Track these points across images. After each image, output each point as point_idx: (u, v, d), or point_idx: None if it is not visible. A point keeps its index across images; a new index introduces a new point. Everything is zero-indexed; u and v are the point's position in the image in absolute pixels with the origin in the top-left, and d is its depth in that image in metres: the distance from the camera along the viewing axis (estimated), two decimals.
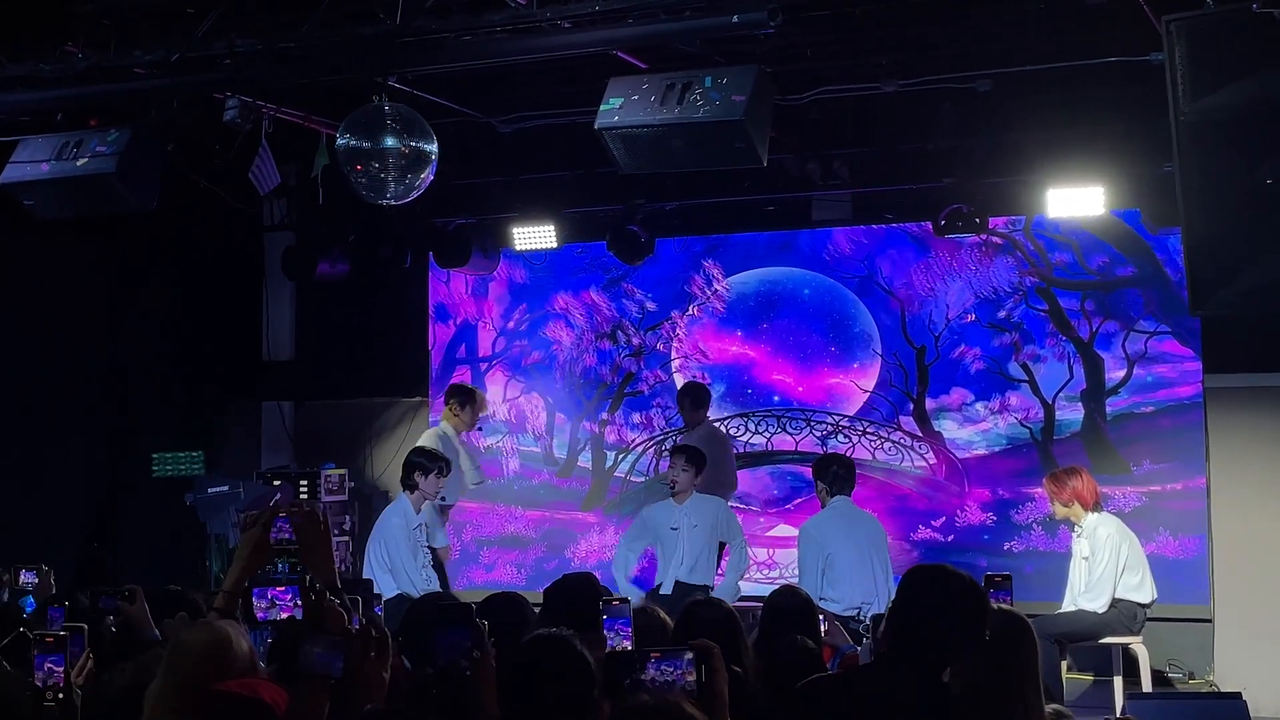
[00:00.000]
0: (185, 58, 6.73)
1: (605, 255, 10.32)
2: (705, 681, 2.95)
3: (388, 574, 8.30)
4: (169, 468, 10.46)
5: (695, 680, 2.94)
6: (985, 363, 9.88)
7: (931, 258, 10.03)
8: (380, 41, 6.53)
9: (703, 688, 2.94)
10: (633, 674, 2.93)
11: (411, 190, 6.79)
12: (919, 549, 9.67)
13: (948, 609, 3.79)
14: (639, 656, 2.96)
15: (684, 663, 2.95)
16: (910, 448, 10.02)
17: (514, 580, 10.71)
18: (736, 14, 5.87)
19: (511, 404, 11.09)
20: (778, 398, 10.39)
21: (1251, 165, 5.07)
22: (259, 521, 4.18)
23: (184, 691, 3.43)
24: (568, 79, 8.09)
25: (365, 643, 3.31)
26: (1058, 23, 7.33)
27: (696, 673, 2.94)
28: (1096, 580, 7.83)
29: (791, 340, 10.40)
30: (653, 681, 2.94)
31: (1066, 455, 9.44)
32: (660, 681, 2.94)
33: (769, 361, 10.45)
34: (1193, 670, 9.08)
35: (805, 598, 5.54)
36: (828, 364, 10.27)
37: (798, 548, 8.31)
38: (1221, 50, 5.09)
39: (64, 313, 10.34)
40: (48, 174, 7.39)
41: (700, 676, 2.95)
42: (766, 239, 10.51)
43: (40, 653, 3.64)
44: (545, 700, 3.46)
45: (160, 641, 4.46)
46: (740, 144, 6.24)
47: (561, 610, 4.77)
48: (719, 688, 2.97)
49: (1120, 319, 9.58)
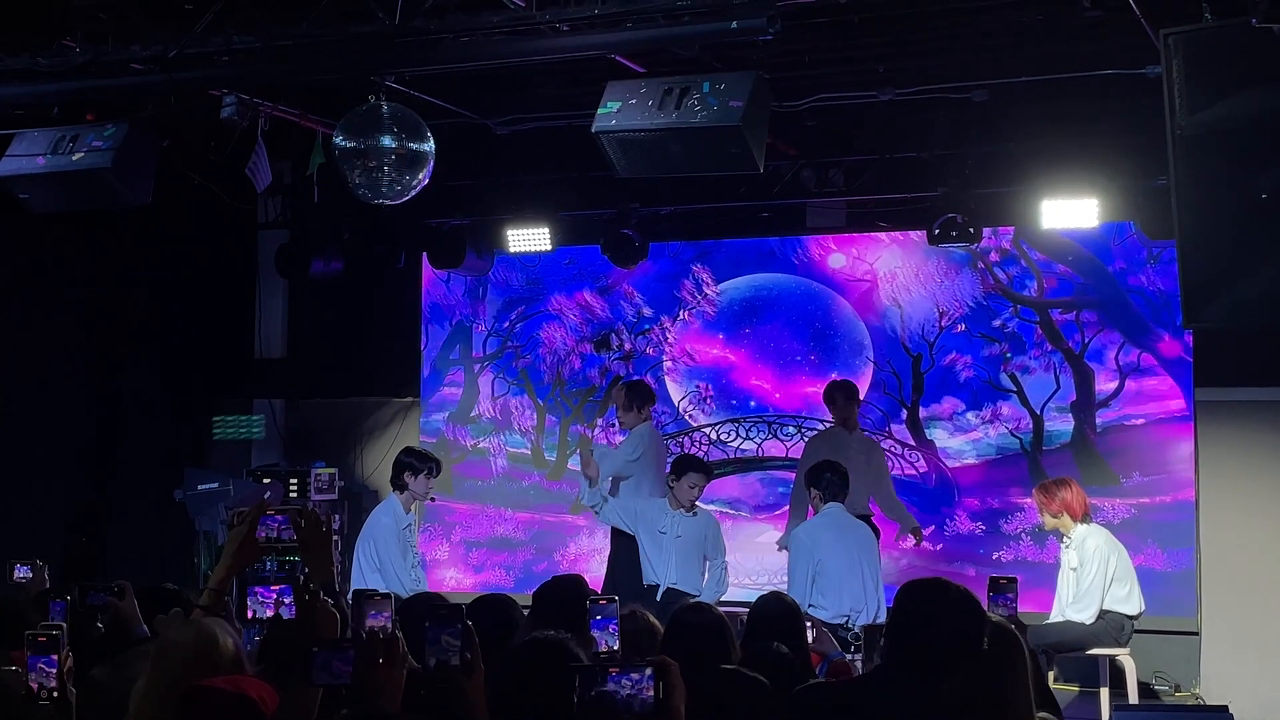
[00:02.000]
0: (183, 54, 6.71)
1: (598, 259, 10.33)
2: (663, 698, 2.97)
3: (376, 573, 8.29)
4: (230, 431, 10.51)
5: (654, 696, 2.96)
6: (975, 372, 9.90)
7: (924, 267, 10.04)
8: (378, 41, 6.52)
9: (659, 704, 2.96)
10: (594, 687, 2.94)
11: (408, 190, 6.79)
12: (907, 558, 9.67)
13: (946, 621, 3.79)
14: (599, 670, 2.97)
15: (644, 678, 2.96)
16: (900, 456, 10.03)
17: (502, 582, 10.69)
18: (735, 20, 5.87)
19: (501, 405, 11.08)
20: (752, 403, 10.40)
21: (1247, 179, 5.08)
22: (246, 519, 4.17)
23: (169, 689, 3.41)
24: (565, 82, 8.10)
25: (375, 648, 3.30)
26: (1054, 34, 7.35)
27: (655, 689, 2.96)
28: (1084, 591, 7.84)
29: (776, 346, 10.42)
30: (614, 695, 2.95)
31: (1056, 466, 9.46)
32: (621, 695, 2.94)
33: (749, 367, 10.46)
34: (1179, 682, 9.10)
35: (791, 604, 5.54)
36: (817, 371, 10.27)
37: (788, 553, 8.31)
38: (1219, 64, 5.09)
39: (56, 307, 10.33)
40: (43, 168, 7.37)
41: (658, 693, 2.96)
42: (759, 245, 10.51)
43: (33, 652, 3.61)
44: (541, 703, 3.46)
45: (149, 638, 4.45)
46: (737, 150, 6.24)
47: (550, 613, 4.77)
48: (676, 703, 2.99)
49: (1105, 332, 9.61)
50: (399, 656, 3.33)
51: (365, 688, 3.26)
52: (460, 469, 11.07)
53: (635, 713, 2.93)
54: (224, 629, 3.63)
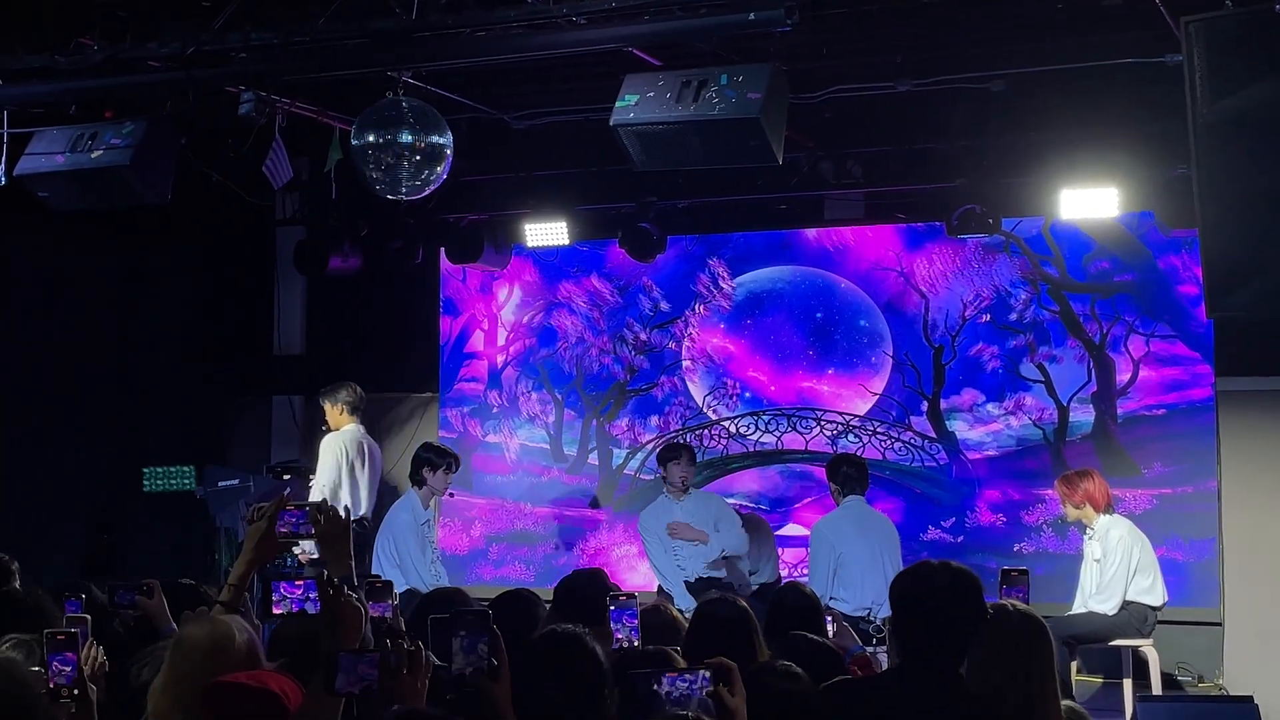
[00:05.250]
0: (200, 51, 6.73)
1: (615, 253, 10.32)
2: (723, 702, 2.92)
3: (396, 569, 8.31)
4: (160, 483, 10.39)
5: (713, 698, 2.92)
6: (998, 363, 9.86)
7: (944, 258, 10.01)
8: (395, 36, 6.52)
9: (721, 707, 2.92)
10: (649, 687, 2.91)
11: (426, 186, 6.78)
12: (929, 550, 9.64)
13: (937, 605, 3.79)
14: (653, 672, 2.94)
15: (699, 678, 2.93)
16: (921, 448, 10.00)
17: (523, 577, 10.70)
18: (753, 11, 5.86)
19: (522, 400, 11.08)
20: (764, 398, 10.39)
21: (1269, 167, 5.05)
22: (265, 515, 4.17)
23: (186, 686, 3.42)
24: (582, 75, 8.08)
25: (400, 660, 3.29)
26: (1073, 23, 7.31)
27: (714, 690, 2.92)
28: (1107, 582, 7.82)
29: (792, 340, 10.39)
30: (668, 695, 2.92)
31: (1077, 457, 9.42)
32: (675, 696, 2.92)
33: (765, 360, 10.43)
34: (1202, 673, 9.06)
35: (811, 596, 5.54)
36: (835, 363, 10.26)
37: (809, 547, 8.30)
38: (1241, 51, 5.06)
39: (76, 304, 10.36)
40: (62, 166, 7.39)
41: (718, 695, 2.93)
42: (778, 237, 10.49)
43: (51, 651, 3.61)
44: (556, 695, 3.46)
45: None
46: (755, 142, 6.23)
47: (571, 606, 4.77)
48: (738, 705, 2.95)
49: (1127, 321, 9.56)
50: (422, 666, 3.32)
51: (389, 696, 3.26)
52: (479, 463, 11.07)
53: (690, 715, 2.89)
54: (240, 626, 3.63)
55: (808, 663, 4.04)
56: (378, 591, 4.14)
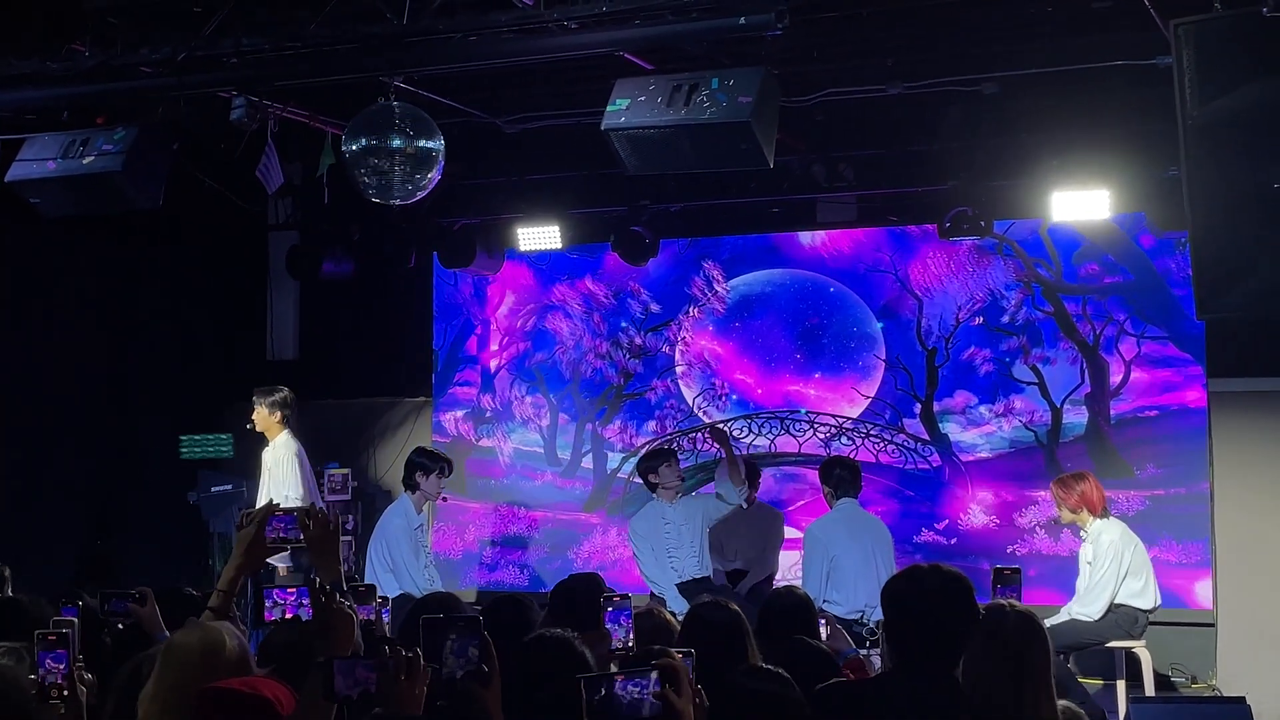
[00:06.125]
0: (192, 56, 6.73)
1: (608, 257, 10.32)
2: (669, 702, 2.96)
3: (390, 574, 8.30)
4: (198, 450, 10.46)
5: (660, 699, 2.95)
6: (991, 365, 9.88)
7: (937, 261, 10.02)
8: (387, 41, 6.52)
9: (668, 707, 2.95)
10: (600, 694, 2.93)
11: (418, 190, 6.78)
12: (922, 552, 9.66)
13: (927, 607, 3.79)
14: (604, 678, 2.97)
15: (650, 682, 2.96)
16: (913, 450, 10.01)
17: (517, 581, 10.70)
18: (744, 15, 5.86)
19: (516, 404, 11.08)
20: (751, 401, 10.40)
21: (1259, 169, 5.07)
22: (254, 520, 4.17)
23: (177, 693, 3.41)
24: (573, 80, 8.09)
25: (398, 668, 3.29)
26: (1064, 26, 7.33)
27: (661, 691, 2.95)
28: (1092, 586, 7.77)
29: (784, 342, 10.40)
30: (621, 700, 2.94)
31: (1070, 459, 9.44)
32: (627, 700, 2.94)
33: (758, 363, 10.44)
34: (1195, 674, 9.07)
35: (804, 597, 5.53)
36: (821, 367, 10.27)
37: (802, 549, 8.30)
38: (1230, 54, 5.08)
39: (69, 310, 10.35)
40: (54, 172, 7.38)
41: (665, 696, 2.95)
42: (770, 240, 10.50)
43: (42, 650, 3.62)
44: (544, 700, 3.46)
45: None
46: (746, 145, 6.23)
47: (567, 610, 4.77)
48: (682, 706, 2.98)
49: (1119, 323, 9.58)
50: (420, 673, 3.33)
51: (387, 703, 3.26)
52: (473, 467, 11.08)
53: (643, 717, 2.92)
54: (230, 632, 3.62)
55: (802, 666, 4.05)
56: (360, 595, 4.14)
